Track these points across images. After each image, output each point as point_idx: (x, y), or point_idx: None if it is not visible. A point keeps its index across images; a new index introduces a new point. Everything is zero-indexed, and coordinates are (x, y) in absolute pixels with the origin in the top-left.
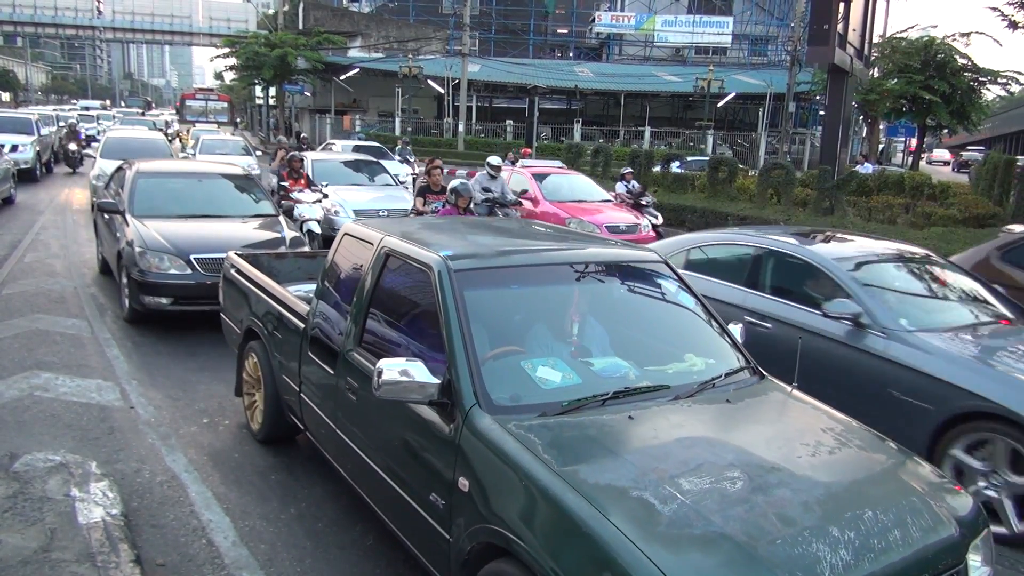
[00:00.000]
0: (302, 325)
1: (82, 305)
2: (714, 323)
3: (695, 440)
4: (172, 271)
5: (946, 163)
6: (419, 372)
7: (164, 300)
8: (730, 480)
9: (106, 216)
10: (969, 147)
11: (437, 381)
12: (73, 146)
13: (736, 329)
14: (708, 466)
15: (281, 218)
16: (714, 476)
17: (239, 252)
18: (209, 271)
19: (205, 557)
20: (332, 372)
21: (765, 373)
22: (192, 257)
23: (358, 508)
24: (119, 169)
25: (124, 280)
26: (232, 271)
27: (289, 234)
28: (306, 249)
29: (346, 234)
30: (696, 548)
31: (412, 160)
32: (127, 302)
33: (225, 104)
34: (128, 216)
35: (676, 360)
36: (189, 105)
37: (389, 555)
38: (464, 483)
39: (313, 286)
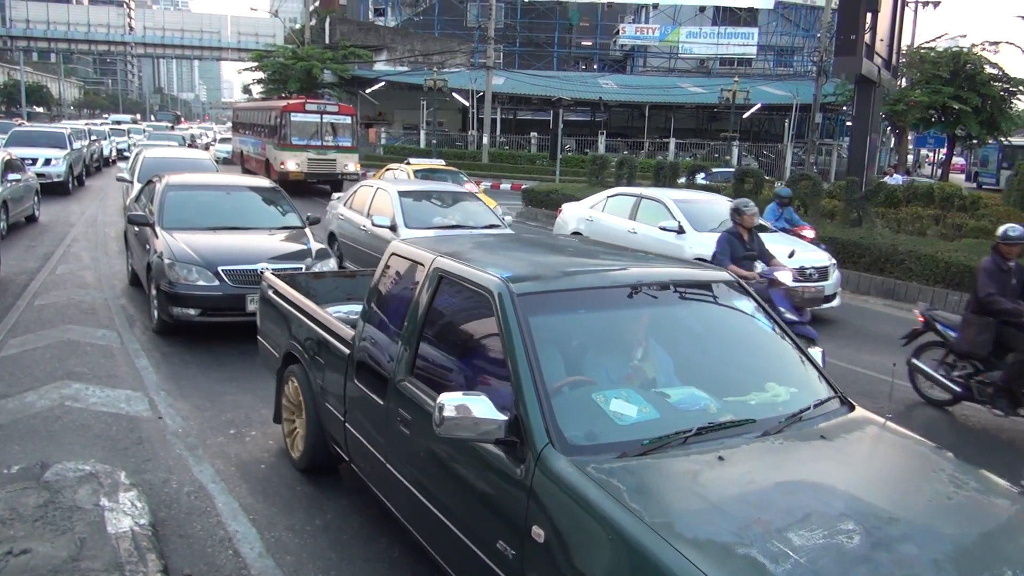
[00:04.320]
0: (347, 351)
1: (112, 316)
2: (794, 347)
3: (796, 485)
4: (200, 283)
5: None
6: (484, 408)
7: (192, 311)
8: (845, 534)
9: (136, 228)
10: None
11: (504, 418)
12: None
13: (816, 352)
14: (817, 516)
15: (307, 230)
16: (826, 529)
17: (276, 272)
18: (237, 282)
19: (232, 568)
20: (382, 402)
21: (854, 403)
22: (220, 269)
23: (384, 520)
24: (149, 182)
25: (153, 291)
26: (270, 292)
27: (315, 246)
28: (349, 267)
29: (393, 254)
30: None
31: (801, 223)
32: (156, 313)
33: (348, 119)
34: (157, 228)
35: (757, 389)
36: (295, 122)
37: (415, 568)
38: (538, 532)
39: (354, 307)
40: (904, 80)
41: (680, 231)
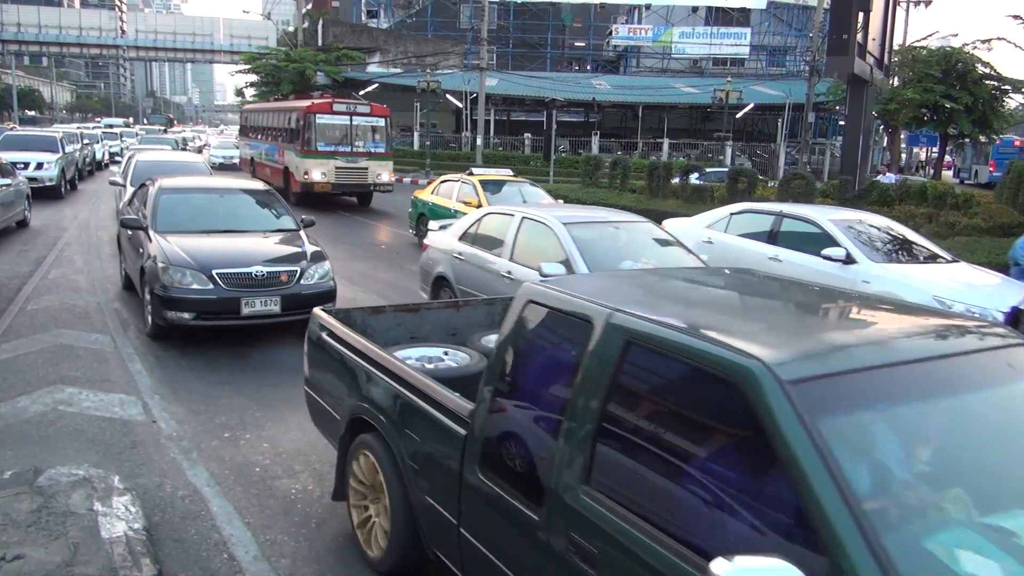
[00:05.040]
0: (461, 430)
1: (105, 320)
2: None
3: None
4: (195, 286)
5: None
6: None
7: (187, 315)
8: None
9: (129, 232)
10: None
11: None
12: None
13: None
14: None
15: (302, 232)
16: None
17: (327, 308)
18: (231, 286)
19: (226, 572)
20: (534, 516)
21: None
22: (214, 272)
23: None
24: (142, 186)
25: (147, 296)
26: (323, 334)
27: (310, 248)
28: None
29: (531, 302)
30: None
31: None
32: (150, 318)
33: (382, 122)
34: (151, 232)
35: None
36: (321, 124)
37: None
38: None
39: (425, 351)
40: (896, 79)
41: (848, 260)
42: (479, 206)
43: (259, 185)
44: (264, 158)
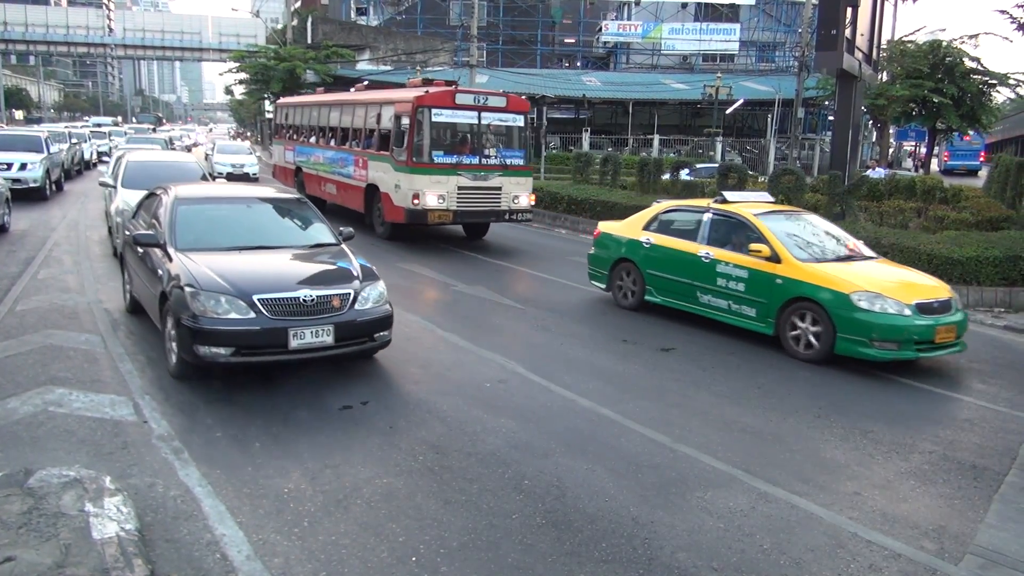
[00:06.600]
0: None
1: (95, 321)
2: None
3: None
4: (233, 315)
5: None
6: None
7: (223, 350)
8: None
9: (140, 250)
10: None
11: None
12: None
13: None
14: None
15: (344, 247)
16: None
17: None
18: (276, 315)
19: (219, 572)
20: None
21: None
22: (255, 298)
23: (372, 522)
24: (151, 195)
25: (170, 327)
26: None
27: (358, 266)
28: None
29: None
30: None
31: None
32: (174, 354)
33: (520, 119)
34: (171, 250)
35: None
36: (437, 124)
37: (403, 568)
38: None
39: None
40: (885, 74)
41: None
42: (771, 257)
43: (287, 193)
44: (325, 170)
